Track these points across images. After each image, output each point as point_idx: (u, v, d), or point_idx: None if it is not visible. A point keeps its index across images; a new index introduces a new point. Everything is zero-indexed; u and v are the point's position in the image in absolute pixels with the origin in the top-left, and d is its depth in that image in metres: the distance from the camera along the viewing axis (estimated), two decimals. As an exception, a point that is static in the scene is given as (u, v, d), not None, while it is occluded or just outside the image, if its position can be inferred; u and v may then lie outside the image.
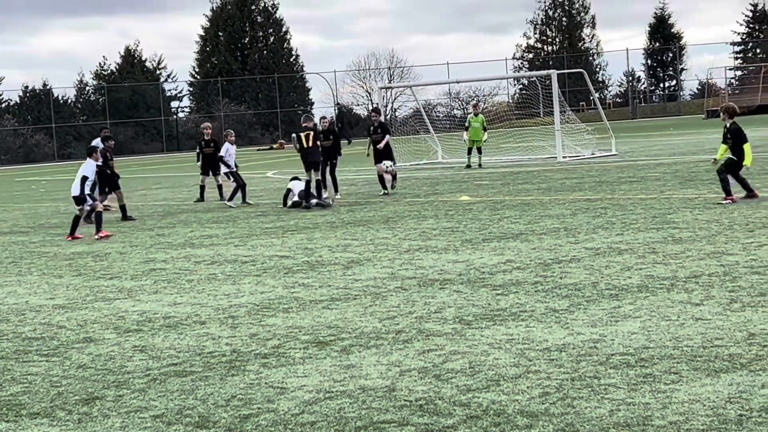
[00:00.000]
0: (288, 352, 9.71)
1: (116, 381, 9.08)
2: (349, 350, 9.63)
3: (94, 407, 8.27)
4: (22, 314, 12.86)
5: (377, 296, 12.37)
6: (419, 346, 9.58)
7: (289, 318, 11.37)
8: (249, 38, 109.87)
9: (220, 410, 7.92)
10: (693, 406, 7.18)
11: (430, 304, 11.64)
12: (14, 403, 8.55)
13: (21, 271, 17.11)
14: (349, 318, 11.15)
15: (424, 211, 22.70)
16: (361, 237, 18.54)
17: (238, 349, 9.98)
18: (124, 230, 22.90)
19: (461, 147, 48.30)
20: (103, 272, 16.18)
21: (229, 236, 20.25)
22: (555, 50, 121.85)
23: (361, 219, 21.87)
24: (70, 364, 9.87)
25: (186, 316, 11.92)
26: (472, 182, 30.81)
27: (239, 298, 12.90)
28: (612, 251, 14.60)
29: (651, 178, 27.04)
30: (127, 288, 14.41)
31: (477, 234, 17.73)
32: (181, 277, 15.02)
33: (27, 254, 19.46)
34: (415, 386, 8.21)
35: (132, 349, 10.34)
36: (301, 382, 8.60)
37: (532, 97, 55.22)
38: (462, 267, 14.16)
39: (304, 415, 7.64)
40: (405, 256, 15.56)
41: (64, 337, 11.20)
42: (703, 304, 10.57)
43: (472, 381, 8.25)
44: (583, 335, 9.56)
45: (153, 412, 7.99)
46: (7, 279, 16.19)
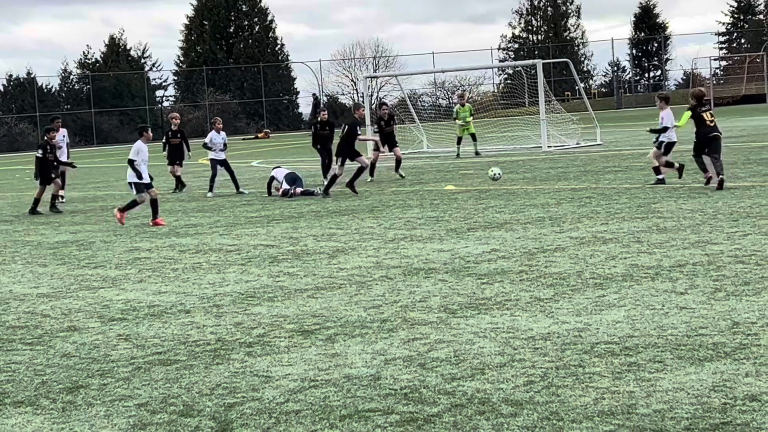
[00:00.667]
0: (273, 341, 9.71)
1: (100, 370, 9.06)
2: (334, 339, 9.63)
3: (78, 396, 8.25)
4: (6, 303, 12.81)
5: (362, 285, 12.36)
6: (404, 335, 9.58)
7: (274, 307, 11.36)
8: (234, 27, 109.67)
9: (204, 399, 7.91)
10: (677, 394, 7.20)
11: (415, 293, 11.64)
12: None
13: (5, 259, 17.05)
14: (334, 307, 11.15)
15: (409, 200, 22.70)
16: (346, 226, 18.53)
17: (223, 338, 9.97)
18: (108, 219, 22.84)
19: (446, 137, 48.30)
20: (88, 261, 16.14)
21: (214, 225, 20.22)
22: (540, 40, 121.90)
23: (346, 208, 21.86)
24: (54, 353, 9.84)
25: (171, 305, 11.90)
26: (457, 172, 30.83)
27: (224, 287, 12.88)
28: (597, 240, 14.63)
29: (636, 168, 27.09)
30: (112, 277, 14.38)
31: (462, 223, 17.74)
32: (166, 266, 14.99)
33: (11, 243, 19.40)
34: (400, 375, 8.21)
35: (116, 338, 10.32)
36: (286, 370, 8.59)
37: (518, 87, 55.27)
38: (447, 256, 14.16)
39: (289, 403, 7.63)
40: (390, 245, 15.56)
41: (48, 326, 11.17)
42: (687, 293, 10.59)
43: (457, 370, 8.25)
44: (567, 324, 9.58)
45: (137, 401, 7.98)
46: (-9, 268, 16.13)
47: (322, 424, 7.07)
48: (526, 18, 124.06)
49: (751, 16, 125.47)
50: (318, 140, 29.93)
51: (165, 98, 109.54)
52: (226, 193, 27.95)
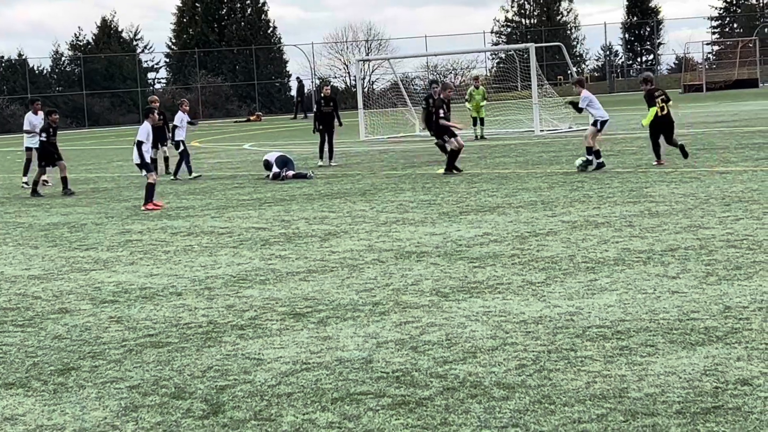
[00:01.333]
0: (265, 324, 9.70)
1: (92, 352, 9.05)
2: (326, 322, 9.62)
3: (69, 378, 8.24)
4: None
5: (354, 268, 12.35)
6: (396, 318, 9.58)
7: (266, 290, 11.35)
8: (226, 9, 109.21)
9: (196, 381, 7.91)
10: (669, 378, 7.21)
11: (407, 276, 11.64)
12: (-11, 374, 8.51)
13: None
14: (326, 290, 11.14)
15: (402, 183, 22.68)
16: (338, 209, 18.51)
17: (215, 321, 9.96)
18: (99, 201, 22.80)
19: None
20: (79, 243, 16.11)
21: (206, 208, 20.19)
22: (533, 24, 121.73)
23: (339, 191, 21.84)
24: (45, 335, 9.83)
25: (162, 288, 11.88)
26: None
27: (216, 270, 12.86)
28: (589, 224, 14.63)
29: (628, 152, 27.09)
30: (103, 259, 14.36)
31: (454, 207, 17.73)
32: (158, 249, 14.97)
33: (2, 225, 19.35)
34: (392, 358, 8.21)
35: (108, 320, 10.30)
36: (278, 353, 8.59)
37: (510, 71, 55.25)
38: (439, 240, 14.16)
39: (281, 386, 7.63)
40: (382, 229, 15.55)
41: (40, 308, 11.15)
42: (679, 278, 10.60)
43: (449, 353, 8.25)
44: (559, 308, 9.58)
45: (129, 383, 7.97)
46: (-18, 249, 16.10)
47: (314, 407, 7.07)
48: (518, 2, 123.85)
49: (744, 0, 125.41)
50: (322, 118, 29.82)
51: (157, 80, 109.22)
52: (218, 176, 27.90)
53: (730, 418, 6.37)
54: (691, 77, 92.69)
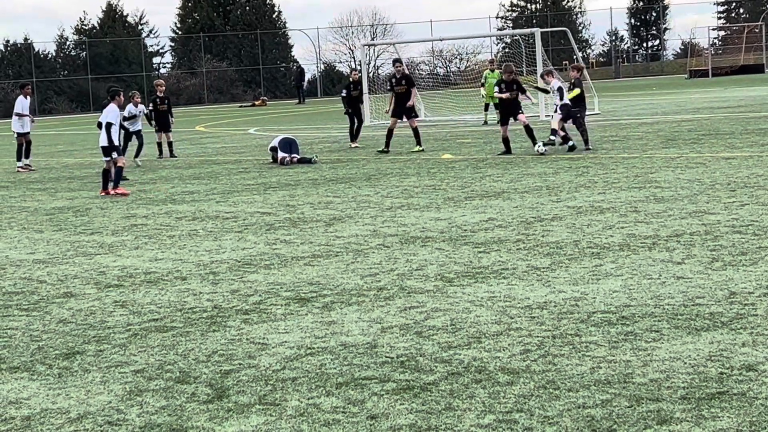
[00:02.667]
0: (269, 309, 9.70)
1: (97, 336, 9.05)
2: (331, 307, 9.62)
3: (74, 362, 8.24)
4: (2, 269, 12.79)
5: (359, 253, 12.35)
6: (401, 303, 9.57)
7: (271, 274, 11.34)
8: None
9: (200, 366, 7.91)
10: (674, 363, 7.20)
11: (412, 261, 11.63)
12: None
13: (1, 225, 17.03)
14: (331, 275, 11.14)
15: (407, 168, 22.66)
16: (343, 194, 18.50)
17: (220, 305, 9.96)
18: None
19: (444, 105, 48.21)
20: (84, 227, 16.11)
21: (211, 192, 20.18)
22: (539, 9, 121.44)
23: (344, 176, 21.82)
24: (50, 319, 9.83)
25: (167, 272, 11.88)
26: (455, 140, 30.78)
27: (221, 255, 12.86)
28: (594, 210, 14.61)
29: (633, 138, 27.04)
30: (108, 243, 14.36)
31: (459, 192, 17.71)
32: (162, 233, 14.96)
33: (7, 209, 19.36)
34: (397, 343, 8.21)
35: (113, 304, 10.31)
36: (283, 338, 8.59)
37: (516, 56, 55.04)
38: (444, 225, 14.15)
39: (285, 371, 7.63)
40: (387, 214, 15.54)
41: (45, 292, 11.15)
42: (684, 263, 10.58)
43: (454, 338, 8.25)
44: (564, 293, 9.57)
45: (133, 367, 7.97)
46: (-13, 234, 16.11)
47: (318, 392, 7.07)
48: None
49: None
50: (351, 102, 30.58)
51: (162, 65, 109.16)
52: (223, 161, 27.89)
53: (735, 403, 6.36)
54: (697, 63, 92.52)
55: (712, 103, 42.16)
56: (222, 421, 6.62)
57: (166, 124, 30.69)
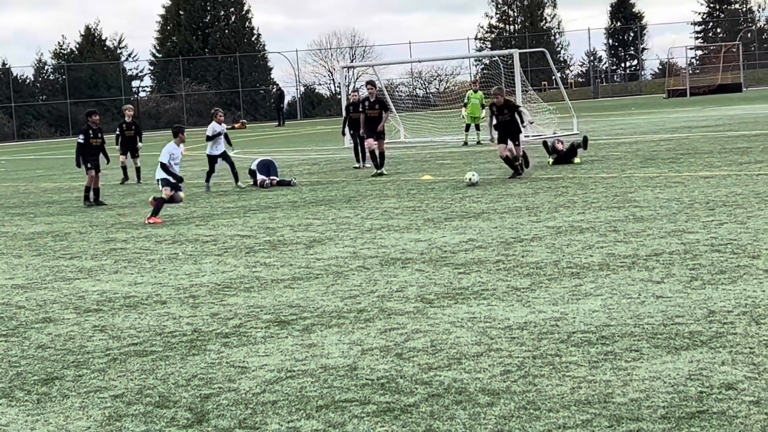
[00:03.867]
0: (249, 332, 9.67)
1: (76, 361, 9.01)
2: (311, 329, 9.60)
3: (53, 387, 8.20)
4: (-20, 294, 12.73)
5: (339, 275, 12.34)
6: (381, 325, 9.56)
7: (251, 297, 11.32)
8: (210, 17, 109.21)
9: (180, 390, 7.88)
10: (654, 383, 7.20)
11: (392, 283, 11.62)
12: (-28, 384, 8.47)
13: (-20, 251, 16.95)
14: (311, 297, 11.12)
15: (386, 190, 22.67)
16: (323, 216, 18.49)
17: (199, 329, 9.93)
18: (83, 210, 22.74)
19: (423, 126, 48.26)
20: (63, 252, 16.05)
21: (191, 216, 20.14)
22: (517, 30, 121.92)
23: (323, 198, 21.82)
24: (29, 344, 9.78)
25: (146, 296, 11.85)
26: (435, 161, 30.82)
27: (200, 278, 12.83)
28: (573, 230, 14.63)
29: (612, 158, 27.12)
30: (87, 268, 14.31)
31: (439, 213, 17.73)
32: (142, 257, 14.92)
33: (-14, 234, 19.28)
34: (377, 365, 8.20)
35: (92, 329, 10.26)
36: (263, 361, 8.56)
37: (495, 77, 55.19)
38: (424, 246, 14.15)
39: (266, 394, 7.61)
40: (367, 235, 15.53)
41: (24, 317, 11.10)
42: (663, 282, 10.60)
43: (434, 359, 8.24)
44: (544, 313, 9.58)
45: (113, 392, 7.94)
46: (-34, 259, 16.03)
47: (298, 415, 7.05)
48: (501, 8, 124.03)
49: (727, 5, 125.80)
50: (352, 123, 30.26)
51: (141, 89, 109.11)
52: (203, 184, 27.84)
53: (714, 422, 6.37)
54: (675, 82, 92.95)
55: (690, 122, 42.33)
56: (202, 446, 6.59)
57: (134, 150, 30.62)
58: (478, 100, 38.45)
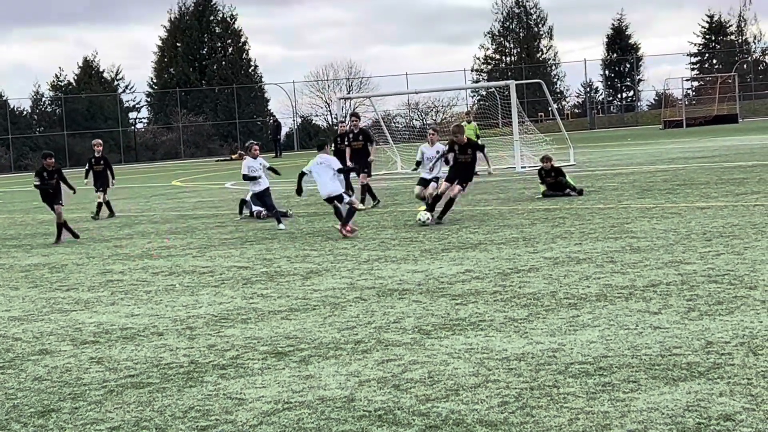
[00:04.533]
0: (246, 363, 9.66)
1: (72, 393, 8.99)
2: (308, 360, 9.59)
3: (49, 419, 8.18)
4: (-23, 326, 12.71)
5: (336, 306, 12.33)
6: (378, 356, 9.55)
7: (248, 329, 11.31)
8: (207, 49, 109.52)
9: (177, 422, 7.86)
10: (651, 414, 7.19)
11: (389, 314, 11.61)
12: (-32, 416, 8.45)
13: (-24, 282, 16.93)
14: (308, 328, 11.11)
15: (384, 221, 22.68)
16: (320, 247, 18.49)
17: (196, 360, 9.91)
18: (80, 242, 22.73)
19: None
20: (60, 284, 16.04)
21: (187, 247, 20.13)
22: (513, 61, 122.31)
23: (320, 229, 21.82)
24: (25, 377, 9.76)
25: (143, 328, 11.83)
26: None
27: (197, 309, 12.82)
28: (571, 260, 14.64)
29: (609, 188, 27.15)
30: (84, 299, 14.30)
31: (436, 244, 17.73)
32: (139, 289, 14.91)
33: (-18, 266, 19.26)
34: (374, 396, 8.18)
35: (89, 361, 10.24)
36: (260, 392, 8.55)
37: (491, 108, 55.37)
38: (421, 277, 14.14)
39: (263, 426, 7.59)
40: (364, 266, 15.53)
41: (20, 349, 11.08)
42: (661, 313, 10.60)
43: (432, 390, 8.23)
44: (542, 344, 9.57)
45: (109, 424, 7.92)
46: (-38, 291, 16.00)
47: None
48: (497, 39, 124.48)
49: (723, 37, 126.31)
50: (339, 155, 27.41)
51: (138, 120, 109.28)
52: (200, 215, 27.84)
53: (713, 453, 6.35)
54: (671, 113, 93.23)
55: (686, 153, 42.42)
56: (199, 478, 6.57)
57: (105, 183, 30.14)
58: (473, 131, 38.44)
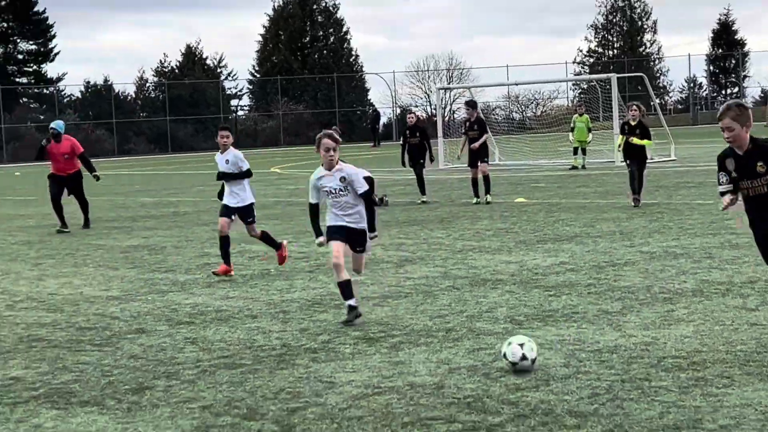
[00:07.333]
0: (338, 348, 9.72)
1: (166, 372, 9.12)
2: (399, 347, 9.62)
3: (143, 397, 8.32)
4: (76, 305, 12.96)
5: (429, 294, 12.34)
6: (469, 345, 9.54)
7: (340, 314, 11.36)
8: (309, 38, 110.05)
9: (268, 403, 7.94)
10: (744, 410, 7.09)
11: (482, 303, 11.60)
12: (65, 391, 8.62)
13: (77, 262, 17.26)
14: (400, 315, 11.14)
15: (479, 212, 22.63)
16: (414, 236, 18.51)
17: (288, 344, 9.99)
18: (180, 225, 23.03)
19: (519, 149, 48.12)
20: (158, 265, 16.27)
21: (284, 233, 20.26)
22: (616, 55, 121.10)
23: (416, 218, 21.84)
24: (121, 354, 9.93)
25: (238, 310, 11.96)
26: (528, 184, 30.69)
27: (291, 294, 12.92)
28: (667, 255, 14.47)
29: (709, 184, 26.76)
30: (181, 281, 14.49)
31: (531, 235, 17.65)
32: (235, 272, 15.05)
33: (83, 246, 19.61)
34: (464, 384, 8.18)
35: (183, 341, 10.39)
36: (350, 377, 8.60)
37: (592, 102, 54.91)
38: (515, 268, 14.09)
39: (352, 409, 7.63)
40: (458, 256, 15.52)
41: (117, 328, 11.28)
42: (758, 310, 10.44)
43: (522, 380, 8.20)
44: (635, 338, 9.48)
45: (201, 403, 8.02)
46: (63, 270, 16.32)
47: (383, 431, 7.05)
48: (601, 32, 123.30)
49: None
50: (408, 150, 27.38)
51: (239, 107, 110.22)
52: (297, 202, 28.01)
53: (806, 451, 6.25)
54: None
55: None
56: (287, 458, 6.63)
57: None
58: (584, 123, 38.01)
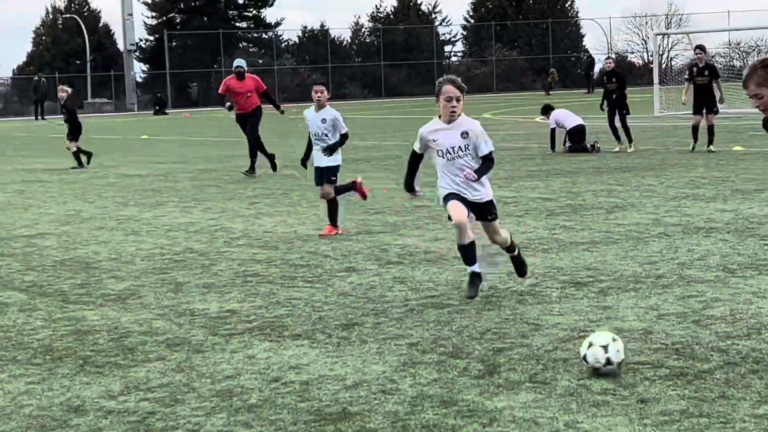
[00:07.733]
0: (545, 291, 9.71)
1: (375, 309, 9.29)
2: (607, 292, 9.55)
3: (352, 332, 8.50)
4: (290, 243, 13.29)
5: (639, 241, 12.18)
6: (679, 292, 9.40)
7: (548, 258, 11.34)
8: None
9: (473, 342, 8.01)
10: None
11: (694, 251, 11.39)
12: (278, 325, 8.89)
13: (291, 202, 17.67)
14: (609, 261, 11.04)
15: (695, 159, 22.14)
16: (626, 183, 18.26)
17: (495, 286, 10.03)
18: (390, 168, 23.26)
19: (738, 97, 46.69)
20: (369, 207, 16.48)
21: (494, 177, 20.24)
22: None
23: (628, 165, 21.52)
24: (332, 291, 10.16)
25: (446, 251, 12.05)
26: (746, 132, 29.83)
27: (500, 237, 12.92)
28: None
29: None
30: (391, 222, 14.68)
31: (749, 184, 17.19)
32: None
33: (297, 186, 20.02)
34: (673, 330, 8.08)
35: (392, 280, 10.55)
36: (556, 320, 8.59)
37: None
38: (730, 216, 13.77)
39: (558, 351, 7.64)
40: (671, 204, 15.24)
41: (328, 266, 11.52)
42: None
43: (732, 328, 8.05)
44: None
45: (409, 340, 8.15)
46: (278, 209, 16.74)
47: (588, 373, 7.04)
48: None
49: None
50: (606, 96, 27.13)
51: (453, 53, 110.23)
52: (508, 147, 27.96)
53: None
54: None
55: None
56: (492, 396, 6.69)
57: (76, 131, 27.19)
58: None
